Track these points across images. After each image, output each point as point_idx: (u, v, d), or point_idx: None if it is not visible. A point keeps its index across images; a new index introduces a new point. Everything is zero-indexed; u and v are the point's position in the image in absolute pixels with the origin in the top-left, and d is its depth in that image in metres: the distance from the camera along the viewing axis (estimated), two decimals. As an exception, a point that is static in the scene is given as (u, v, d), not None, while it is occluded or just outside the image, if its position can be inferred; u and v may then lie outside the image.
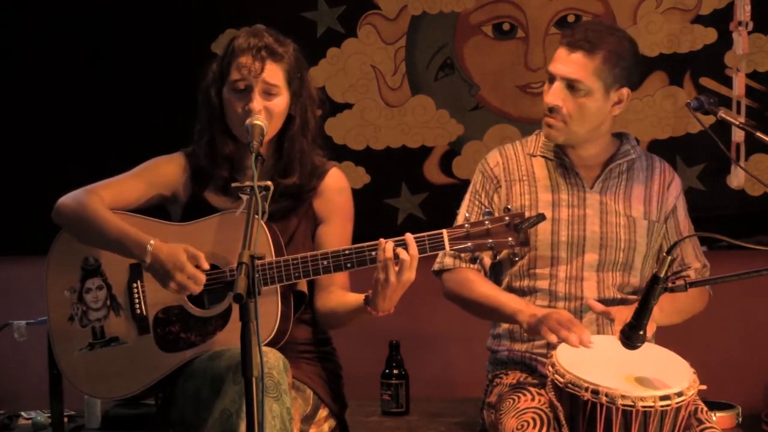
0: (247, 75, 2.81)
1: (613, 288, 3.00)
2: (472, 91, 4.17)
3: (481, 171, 3.12)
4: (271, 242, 2.78)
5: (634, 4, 4.09)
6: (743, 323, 3.94)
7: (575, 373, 2.62)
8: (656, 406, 2.55)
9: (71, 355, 2.90)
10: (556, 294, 2.98)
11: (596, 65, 2.91)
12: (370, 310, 2.75)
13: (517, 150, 3.11)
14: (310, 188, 2.95)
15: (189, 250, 2.73)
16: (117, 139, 4.16)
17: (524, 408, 2.76)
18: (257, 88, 2.81)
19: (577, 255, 2.99)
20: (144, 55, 4.17)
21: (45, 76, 4.22)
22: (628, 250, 3.00)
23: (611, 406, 2.55)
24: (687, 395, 2.59)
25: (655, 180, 3.09)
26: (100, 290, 2.89)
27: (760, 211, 4.03)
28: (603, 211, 3.01)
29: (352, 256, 2.71)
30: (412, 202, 4.19)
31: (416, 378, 3.68)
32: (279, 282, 2.73)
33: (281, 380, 2.62)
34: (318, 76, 4.11)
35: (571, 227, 3.00)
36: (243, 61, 2.82)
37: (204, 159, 2.90)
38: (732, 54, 4.01)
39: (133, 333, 2.86)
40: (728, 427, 3.33)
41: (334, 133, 4.15)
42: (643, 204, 3.05)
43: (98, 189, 2.89)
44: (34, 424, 3.67)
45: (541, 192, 3.03)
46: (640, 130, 4.07)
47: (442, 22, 4.15)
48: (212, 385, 2.63)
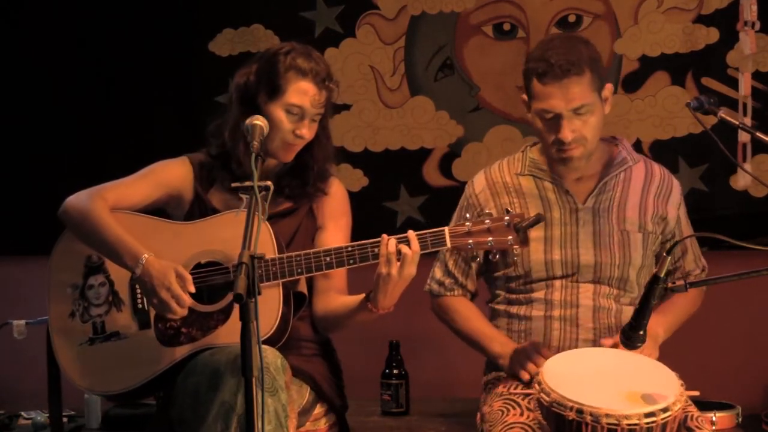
0: (308, 105, 2.87)
1: (609, 297, 2.99)
2: (472, 91, 4.16)
3: (466, 195, 3.13)
4: (274, 239, 2.80)
5: (635, 4, 4.08)
6: (743, 323, 3.94)
7: (560, 392, 2.62)
8: (641, 424, 2.54)
9: (71, 350, 2.92)
10: (552, 302, 2.98)
11: (588, 81, 2.89)
12: (371, 307, 2.78)
13: (503, 171, 3.09)
14: (312, 192, 3.00)
15: (179, 270, 2.77)
16: (116, 138, 4.16)
17: (512, 422, 2.78)
18: (310, 116, 2.89)
19: (572, 272, 2.98)
20: (143, 54, 4.17)
21: (45, 76, 4.22)
22: (623, 266, 2.99)
23: (596, 425, 2.54)
24: (673, 410, 2.57)
25: (653, 188, 3.06)
26: (103, 286, 2.92)
27: (763, 212, 4.01)
28: (596, 232, 2.99)
29: (355, 252, 2.75)
30: (411, 204, 4.18)
31: (416, 378, 3.68)
32: (281, 277, 2.76)
33: (278, 376, 2.65)
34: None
35: (563, 248, 2.98)
36: (306, 88, 2.88)
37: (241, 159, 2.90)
38: (736, 54, 4.00)
39: (133, 327, 2.88)
40: (728, 427, 3.32)
41: (332, 134, 4.13)
42: (638, 215, 3.02)
43: (104, 191, 2.92)
44: (34, 424, 3.68)
45: (532, 211, 2.97)
46: (642, 131, 4.07)
47: (441, 22, 4.14)
48: (211, 380, 2.65)
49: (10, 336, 3.60)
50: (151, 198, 2.97)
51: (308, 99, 2.87)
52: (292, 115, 2.88)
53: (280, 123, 2.87)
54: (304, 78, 2.87)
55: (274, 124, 2.85)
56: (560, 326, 2.96)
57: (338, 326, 2.97)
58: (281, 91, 2.87)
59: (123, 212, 2.91)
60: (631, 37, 4.08)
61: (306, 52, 2.91)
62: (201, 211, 2.96)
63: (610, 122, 4.01)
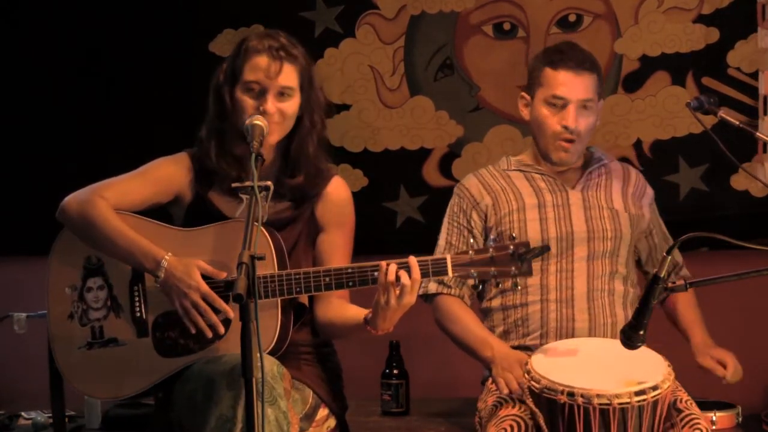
0: (263, 77, 2.81)
1: (602, 277, 3.07)
2: (472, 91, 4.16)
3: (457, 194, 3.21)
4: (274, 251, 2.77)
5: (636, 4, 4.07)
6: (743, 323, 3.94)
7: (550, 377, 2.67)
8: (632, 402, 2.60)
9: (70, 353, 2.90)
10: (548, 286, 3.05)
11: (596, 82, 3.09)
12: (369, 329, 2.76)
13: (491, 170, 3.22)
14: (314, 194, 2.95)
15: (202, 266, 2.74)
16: (116, 139, 4.15)
17: (504, 416, 2.81)
18: (273, 90, 2.82)
19: (567, 249, 3.06)
20: (143, 55, 4.17)
21: (45, 76, 4.22)
22: (614, 239, 3.10)
23: (588, 406, 2.59)
24: (663, 388, 2.64)
25: (631, 184, 3.22)
26: (101, 290, 2.89)
27: (763, 212, 4.02)
28: (587, 206, 3.11)
29: (355, 275, 2.71)
30: (411, 205, 4.18)
31: (416, 378, 3.68)
32: (280, 295, 2.73)
33: (275, 385, 2.62)
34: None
35: (558, 224, 3.08)
36: (259, 62, 2.82)
37: (213, 159, 2.89)
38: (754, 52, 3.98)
39: (131, 335, 2.86)
40: (728, 427, 3.33)
41: (331, 134, 4.03)
42: (622, 199, 3.16)
43: (103, 190, 2.88)
44: (34, 424, 3.67)
45: (526, 197, 3.12)
46: (642, 131, 4.07)
47: (441, 22, 4.14)
48: (206, 389, 2.63)
49: (11, 331, 3.57)
50: (151, 196, 2.93)
51: (262, 72, 2.80)
52: (252, 92, 2.82)
53: (244, 105, 2.82)
54: (258, 54, 2.82)
55: (240, 108, 2.82)
56: (557, 308, 3.03)
57: (338, 335, 2.96)
58: (239, 74, 2.84)
59: (127, 214, 2.87)
60: (631, 36, 4.08)
61: (266, 33, 2.88)
62: (202, 211, 2.92)
63: (610, 122, 4.04)
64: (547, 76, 3.06)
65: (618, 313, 3.05)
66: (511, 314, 3.09)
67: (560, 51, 3.09)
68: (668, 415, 2.72)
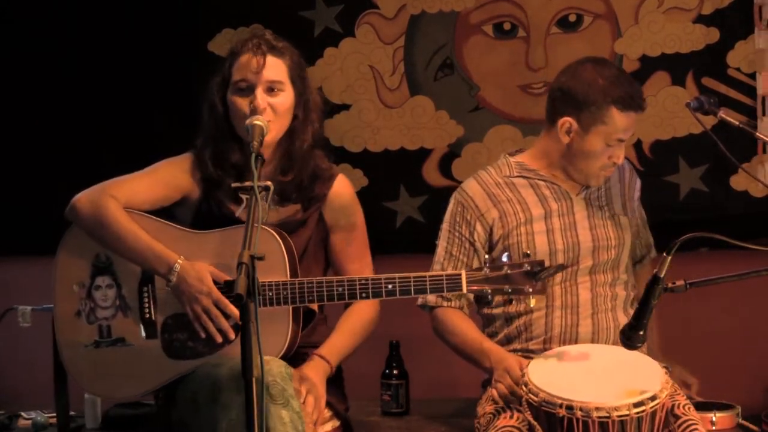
0: (248, 73, 2.81)
1: (605, 284, 3.07)
2: (472, 91, 4.16)
3: (459, 201, 3.14)
4: (287, 256, 2.77)
5: (636, 4, 4.07)
6: (743, 323, 3.94)
7: (548, 390, 2.65)
8: (631, 414, 2.58)
9: (76, 351, 2.90)
10: (553, 294, 3.03)
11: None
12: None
13: (492, 175, 3.16)
14: (319, 196, 2.95)
15: (214, 272, 2.74)
16: (116, 138, 4.15)
17: (502, 426, 2.80)
18: (260, 86, 2.81)
19: (573, 260, 3.04)
20: (143, 54, 4.17)
21: (45, 76, 4.21)
22: (618, 247, 3.09)
23: (587, 419, 2.57)
24: (661, 398, 2.62)
25: (626, 183, 3.21)
26: (110, 289, 2.89)
27: (763, 212, 4.02)
28: (590, 215, 3.10)
29: (368, 286, 2.72)
30: (411, 204, 4.17)
31: (416, 378, 3.67)
32: (292, 303, 2.73)
33: (286, 386, 2.63)
34: (315, 77, 4.04)
35: (564, 234, 3.06)
36: (243, 59, 2.83)
37: (211, 168, 2.89)
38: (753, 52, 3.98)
39: (140, 336, 2.86)
40: (728, 427, 3.33)
41: (331, 134, 4.12)
42: (621, 199, 3.16)
43: (113, 189, 2.88)
44: (34, 424, 3.66)
45: (533, 208, 3.09)
46: (642, 131, 4.06)
47: (441, 22, 4.14)
48: (210, 392, 2.63)
49: (15, 326, 3.55)
50: (160, 196, 2.92)
51: (247, 69, 2.82)
52: (242, 91, 2.82)
53: (236, 106, 2.83)
54: (242, 54, 2.84)
55: (233, 110, 2.83)
56: (561, 314, 3.03)
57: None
58: (228, 78, 2.86)
59: (138, 214, 2.87)
60: (631, 36, 4.08)
61: (251, 31, 2.91)
62: (210, 211, 2.91)
63: (610, 122, 4.03)
64: (613, 117, 2.95)
65: (620, 317, 3.04)
66: (514, 321, 3.07)
67: (630, 95, 2.96)
68: (666, 422, 2.70)
